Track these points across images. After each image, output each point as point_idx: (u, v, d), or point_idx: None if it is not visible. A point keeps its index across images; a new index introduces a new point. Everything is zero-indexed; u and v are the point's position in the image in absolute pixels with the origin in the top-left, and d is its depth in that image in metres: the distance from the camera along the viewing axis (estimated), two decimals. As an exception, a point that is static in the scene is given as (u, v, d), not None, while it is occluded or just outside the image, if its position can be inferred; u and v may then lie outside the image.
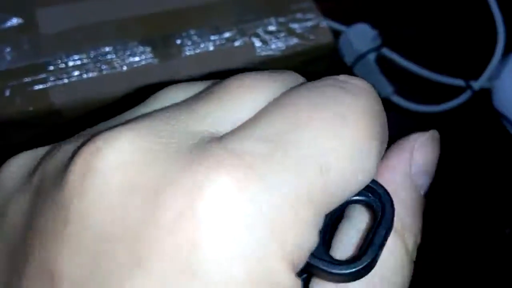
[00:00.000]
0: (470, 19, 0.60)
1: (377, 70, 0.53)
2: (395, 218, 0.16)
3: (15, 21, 0.39)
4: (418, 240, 0.17)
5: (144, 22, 0.40)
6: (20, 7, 0.40)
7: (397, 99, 0.52)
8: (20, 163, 0.17)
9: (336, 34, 0.51)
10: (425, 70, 0.55)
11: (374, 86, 0.16)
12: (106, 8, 0.41)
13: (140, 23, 0.40)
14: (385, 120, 0.16)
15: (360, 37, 0.54)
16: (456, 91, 0.53)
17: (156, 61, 0.38)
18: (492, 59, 0.52)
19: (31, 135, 0.37)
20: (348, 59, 0.54)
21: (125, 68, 0.38)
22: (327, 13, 0.44)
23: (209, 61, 0.39)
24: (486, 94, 0.53)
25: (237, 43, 0.40)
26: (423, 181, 0.18)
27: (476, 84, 0.52)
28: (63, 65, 0.37)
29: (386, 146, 0.16)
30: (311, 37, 0.40)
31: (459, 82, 0.53)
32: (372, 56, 0.53)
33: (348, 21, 0.56)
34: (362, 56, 0.52)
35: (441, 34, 0.59)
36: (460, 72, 0.53)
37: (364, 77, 0.59)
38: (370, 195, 0.16)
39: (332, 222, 0.16)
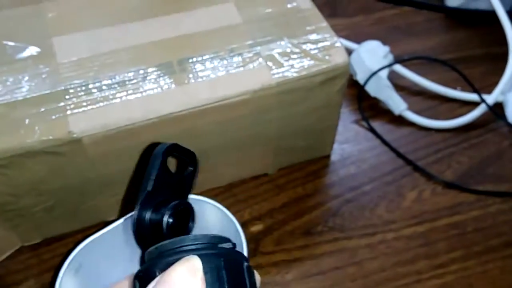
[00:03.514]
0: (482, 33, 0.61)
1: (390, 87, 0.53)
2: None
3: (32, 50, 0.40)
4: None
5: (160, 48, 0.40)
6: (37, 37, 0.40)
7: (410, 115, 0.52)
8: None
9: (348, 51, 0.51)
10: (438, 85, 0.55)
11: (387, 102, 0.16)
12: (122, 35, 0.41)
13: (156, 48, 0.40)
14: None
15: (372, 54, 0.54)
16: (470, 106, 0.53)
17: (173, 86, 0.38)
18: (505, 73, 0.52)
19: (51, 164, 0.37)
20: (361, 76, 0.54)
21: (142, 93, 0.38)
22: (337, 31, 0.44)
23: (226, 84, 0.39)
24: (500, 108, 0.53)
25: (252, 65, 0.40)
26: None
27: (490, 98, 0.52)
28: (81, 93, 0.37)
29: None
30: (327, 57, 0.40)
31: (473, 96, 0.53)
32: (384, 73, 0.53)
33: (359, 39, 0.56)
34: (374, 73, 0.52)
35: (453, 49, 0.59)
36: (473, 87, 0.52)
37: (376, 93, 0.59)
38: None
39: None
